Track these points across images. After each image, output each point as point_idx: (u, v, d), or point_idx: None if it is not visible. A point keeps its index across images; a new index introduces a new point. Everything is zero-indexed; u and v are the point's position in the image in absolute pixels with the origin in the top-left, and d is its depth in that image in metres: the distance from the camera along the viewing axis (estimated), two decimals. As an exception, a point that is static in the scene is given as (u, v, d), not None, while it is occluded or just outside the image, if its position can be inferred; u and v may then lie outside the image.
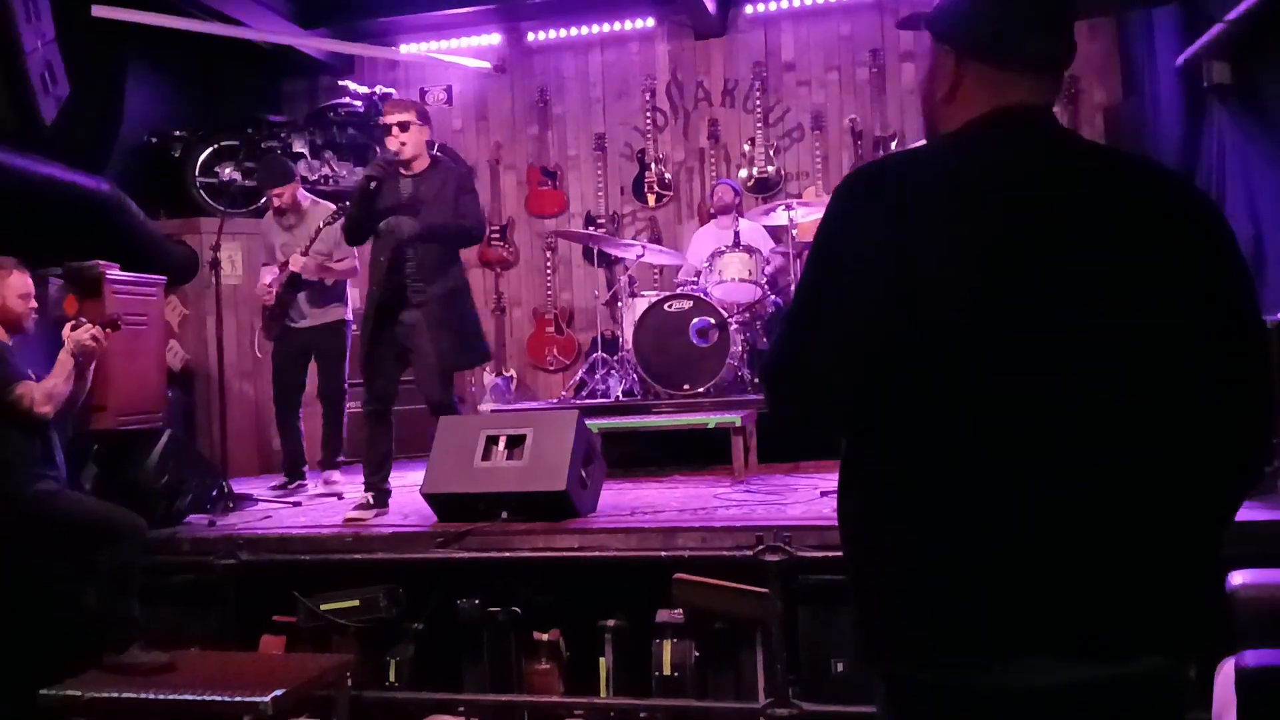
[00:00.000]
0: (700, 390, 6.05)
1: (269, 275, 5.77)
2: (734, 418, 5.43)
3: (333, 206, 5.71)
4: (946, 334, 1.32)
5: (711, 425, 5.44)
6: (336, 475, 5.84)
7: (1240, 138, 4.89)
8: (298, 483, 5.77)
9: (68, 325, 4.16)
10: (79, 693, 3.61)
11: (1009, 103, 1.43)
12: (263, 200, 7.46)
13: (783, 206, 6.65)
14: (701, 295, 6.17)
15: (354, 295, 6.10)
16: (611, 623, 4.04)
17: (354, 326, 5.84)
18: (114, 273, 6.21)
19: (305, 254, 5.56)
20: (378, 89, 8.11)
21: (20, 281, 4.14)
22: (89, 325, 4.14)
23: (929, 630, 1.32)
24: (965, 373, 1.32)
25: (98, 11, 6.60)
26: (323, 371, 5.90)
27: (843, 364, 1.35)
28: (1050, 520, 1.29)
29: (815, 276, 1.40)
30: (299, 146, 7.93)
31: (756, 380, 6.26)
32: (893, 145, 7.64)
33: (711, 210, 7.20)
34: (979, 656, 1.30)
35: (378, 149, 8.26)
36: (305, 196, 5.91)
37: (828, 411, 1.43)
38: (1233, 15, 4.26)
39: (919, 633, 1.33)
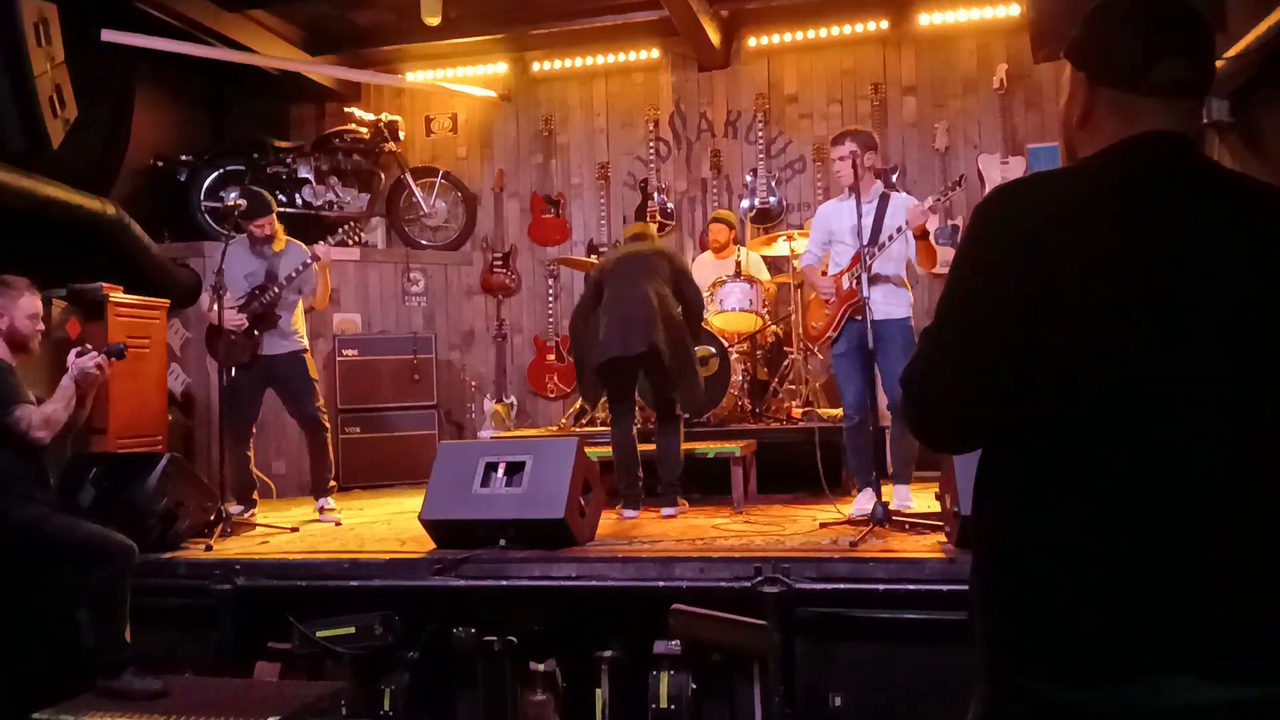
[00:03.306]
0: (701, 420, 6.04)
1: (210, 302, 5.57)
2: (733, 447, 5.42)
3: (306, 249, 5.73)
4: (1088, 353, 1.33)
5: (710, 455, 5.43)
6: (331, 503, 5.79)
7: (1240, 175, 4.92)
8: (249, 510, 5.61)
9: (73, 351, 4.17)
10: (71, 717, 3.59)
11: (1143, 129, 1.44)
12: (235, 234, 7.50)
13: (784, 237, 6.67)
14: (703, 324, 6.17)
15: (355, 320, 6.09)
16: (608, 653, 4.01)
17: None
18: (117, 295, 6.24)
19: (297, 274, 5.57)
20: (383, 116, 8.18)
21: (30, 303, 4.15)
22: (95, 353, 4.16)
23: (1071, 644, 1.32)
24: (1104, 393, 1.33)
25: (107, 36, 6.67)
26: (293, 401, 5.79)
27: (983, 378, 1.38)
28: (1198, 538, 1.30)
29: (957, 292, 1.42)
30: (304, 172, 7.98)
31: (757, 410, 6.26)
32: (894, 178, 7.68)
33: (709, 246, 7.23)
34: (1121, 672, 1.30)
35: (381, 176, 8.34)
36: (279, 226, 5.89)
37: (962, 423, 1.44)
38: (1231, 53, 4.29)
39: (1060, 646, 1.33)
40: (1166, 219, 1.37)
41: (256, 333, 5.66)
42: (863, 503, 4.95)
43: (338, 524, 5.51)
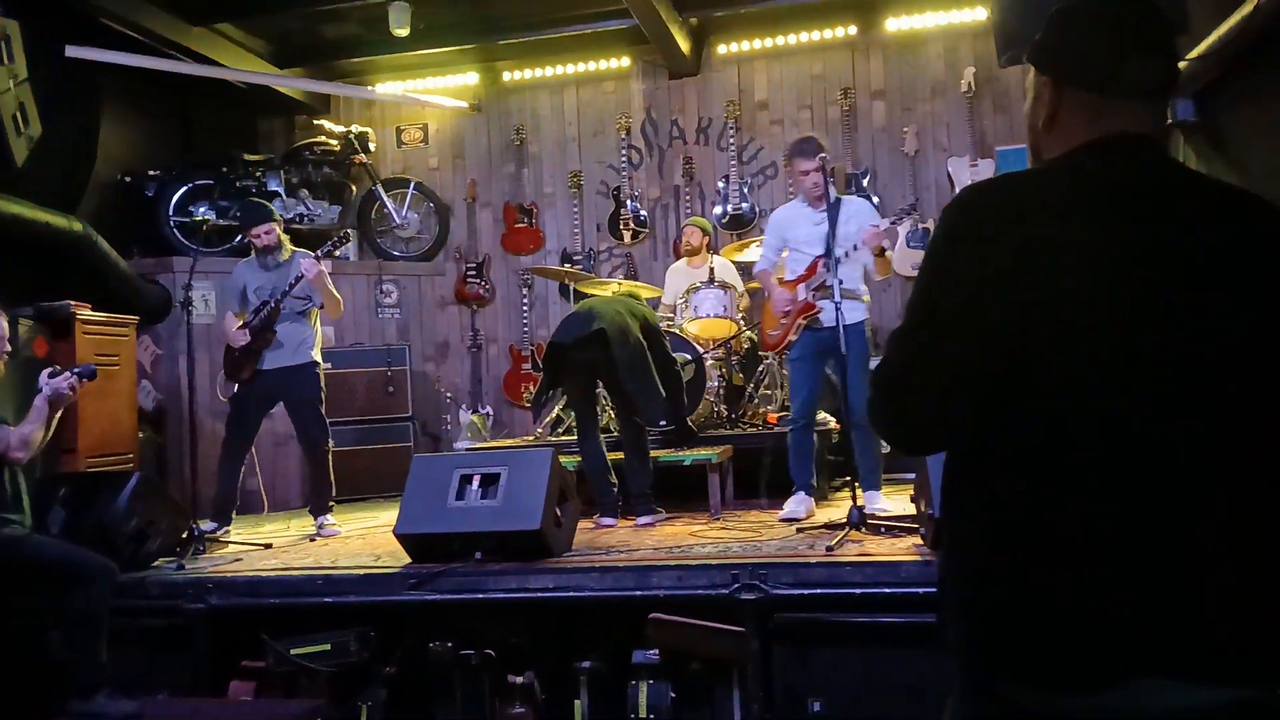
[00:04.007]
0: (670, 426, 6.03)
1: (235, 323, 5.61)
2: (710, 453, 5.43)
3: (307, 252, 5.66)
4: (1060, 356, 1.33)
5: (687, 462, 5.43)
6: (331, 519, 5.70)
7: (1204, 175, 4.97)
8: (224, 528, 5.51)
9: (45, 371, 4.13)
10: (43, 742, 3.54)
11: (1110, 130, 1.44)
12: (238, 239, 7.44)
13: (757, 243, 6.69)
14: (676, 331, 6.18)
15: (329, 334, 6.03)
16: (587, 664, 3.99)
17: (323, 365, 5.77)
18: (85, 313, 6.18)
19: (298, 282, 5.48)
20: (353, 128, 8.14)
21: None
22: (67, 374, 4.13)
23: (1051, 649, 1.31)
24: (1078, 396, 1.33)
25: (71, 52, 6.61)
26: (297, 417, 5.68)
27: (955, 381, 1.37)
28: (1177, 540, 1.30)
29: (927, 294, 1.41)
30: (274, 185, 7.93)
31: (733, 416, 6.26)
32: (864, 182, 7.72)
33: (682, 251, 7.24)
34: (1101, 677, 1.29)
35: (352, 187, 8.29)
36: (284, 236, 5.81)
37: (933, 426, 1.43)
38: (1194, 54, 4.34)
39: (1042, 653, 1.32)
40: (1138, 220, 1.38)
41: (256, 347, 5.55)
42: (794, 506, 5.02)
43: (323, 537, 5.48)
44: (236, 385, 5.63)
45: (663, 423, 5.70)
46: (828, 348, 4.94)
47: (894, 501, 5.03)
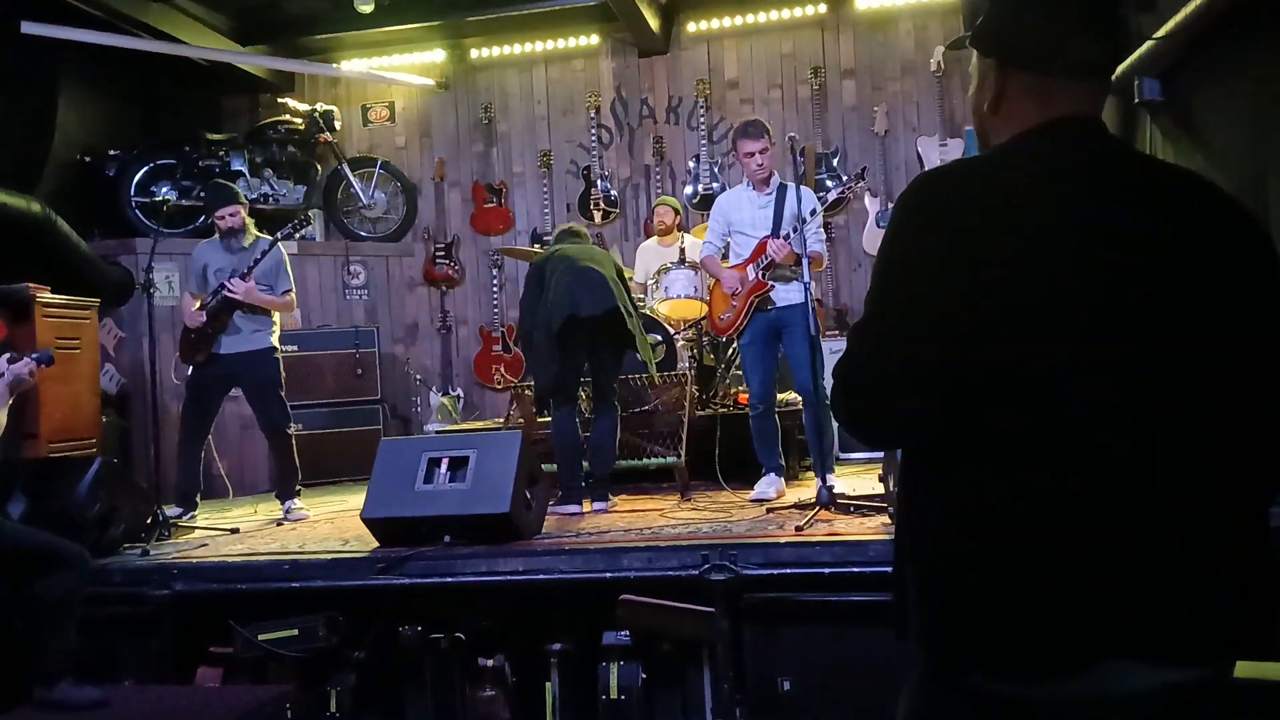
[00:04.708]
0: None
1: (194, 304, 5.54)
2: (673, 459, 5.40)
3: (269, 237, 5.59)
4: (1016, 344, 1.32)
5: (652, 468, 5.42)
6: (298, 503, 5.65)
7: (1171, 154, 4.99)
8: (190, 514, 5.45)
9: (4, 357, 4.06)
10: (5, 732, 3.49)
11: (1058, 113, 1.43)
12: (201, 220, 7.33)
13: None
14: (647, 311, 6.16)
15: (296, 316, 5.94)
16: (557, 646, 3.99)
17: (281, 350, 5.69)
18: (45, 295, 6.06)
19: (246, 278, 5.41)
20: (318, 107, 8.03)
21: None
22: (27, 359, 4.06)
23: (1016, 636, 1.31)
24: (1039, 381, 1.32)
25: (28, 28, 6.46)
26: (257, 401, 5.61)
27: (917, 373, 1.36)
28: (1142, 521, 1.30)
29: (887, 285, 1.40)
30: (238, 165, 7.82)
31: (704, 396, 6.25)
32: (834, 161, 7.71)
33: (654, 230, 7.21)
34: (1067, 663, 1.29)
35: (318, 167, 8.19)
36: (249, 219, 5.73)
37: (899, 420, 1.41)
38: (1161, 33, 4.35)
39: (1010, 640, 1.31)
40: (1092, 204, 1.38)
41: (211, 330, 5.48)
42: (764, 487, 5.04)
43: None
44: (191, 368, 5.55)
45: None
46: (777, 329, 4.98)
47: (862, 481, 5.04)
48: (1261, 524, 1.39)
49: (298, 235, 5.82)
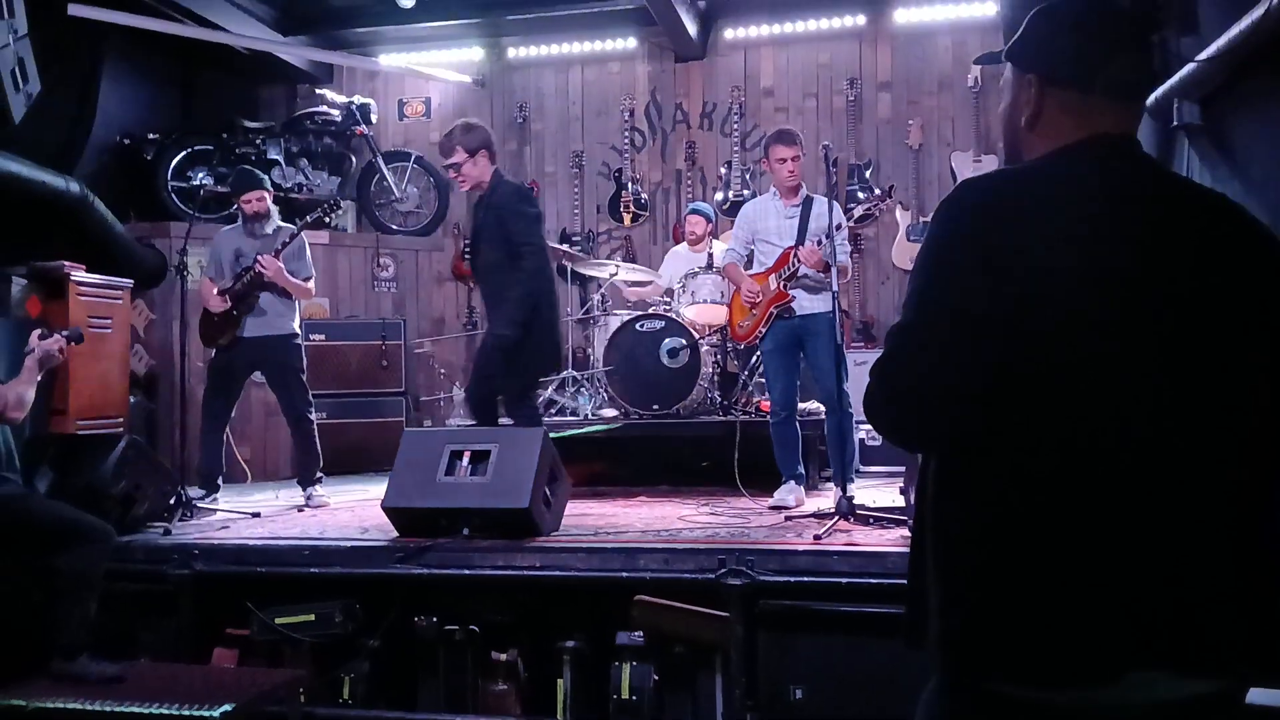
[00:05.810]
0: (669, 411, 6.03)
1: (212, 289, 5.60)
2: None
3: (291, 226, 5.66)
4: (1053, 355, 1.34)
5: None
6: (319, 490, 5.69)
7: (1209, 178, 4.95)
8: (212, 496, 5.49)
9: (35, 333, 4.11)
10: (24, 702, 3.52)
11: (1097, 131, 1.46)
12: (234, 206, 7.40)
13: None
14: (673, 315, 6.17)
15: (324, 303, 6.00)
16: (570, 644, 3.99)
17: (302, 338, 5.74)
18: (79, 274, 6.13)
19: (277, 258, 5.47)
20: (355, 99, 8.09)
21: None
22: (58, 337, 4.11)
23: (1045, 643, 1.31)
24: (1073, 393, 1.34)
25: (74, 10, 6.54)
26: (279, 387, 5.67)
27: (955, 378, 1.37)
28: (1168, 532, 1.31)
29: (927, 290, 1.41)
30: (274, 154, 7.88)
31: (726, 403, 6.25)
32: (866, 174, 7.70)
33: (685, 237, 7.21)
34: (1100, 671, 1.29)
35: (352, 159, 8.24)
36: (273, 207, 5.81)
37: (939, 427, 1.42)
38: (1203, 56, 4.31)
39: (1036, 649, 1.32)
40: (1131, 222, 1.39)
41: (236, 313, 5.54)
42: (783, 494, 5.04)
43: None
44: (215, 351, 5.61)
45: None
46: (799, 337, 4.99)
47: (883, 493, 5.02)
48: None
49: (328, 222, 5.88)
